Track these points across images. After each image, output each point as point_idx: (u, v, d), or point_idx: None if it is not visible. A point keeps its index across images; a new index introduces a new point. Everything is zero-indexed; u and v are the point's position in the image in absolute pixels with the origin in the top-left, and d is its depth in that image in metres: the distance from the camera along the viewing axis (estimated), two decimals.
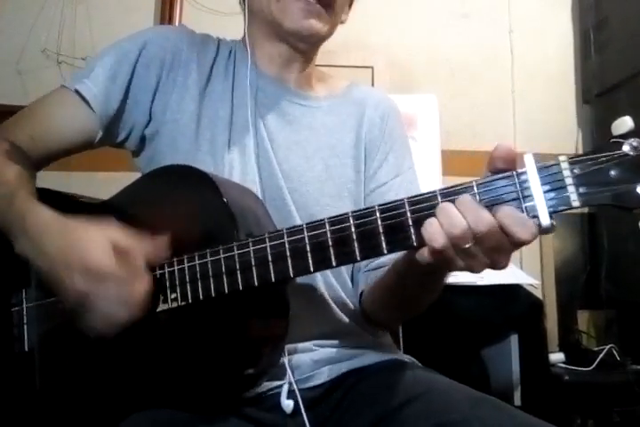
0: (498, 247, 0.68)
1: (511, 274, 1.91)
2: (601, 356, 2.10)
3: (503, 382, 1.85)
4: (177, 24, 2.28)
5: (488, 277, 1.79)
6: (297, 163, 1.05)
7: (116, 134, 1.06)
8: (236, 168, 1.01)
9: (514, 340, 1.85)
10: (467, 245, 0.67)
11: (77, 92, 1.02)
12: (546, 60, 2.59)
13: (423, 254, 0.71)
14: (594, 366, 2.06)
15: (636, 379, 1.97)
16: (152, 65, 1.04)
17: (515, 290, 1.87)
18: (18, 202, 0.89)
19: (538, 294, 2.08)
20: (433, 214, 0.68)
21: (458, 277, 1.72)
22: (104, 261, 0.79)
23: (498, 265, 0.70)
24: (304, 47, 1.08)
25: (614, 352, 2.14)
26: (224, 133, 1.03)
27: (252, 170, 1.02)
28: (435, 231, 0.68)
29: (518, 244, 0.67)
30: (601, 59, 2.45)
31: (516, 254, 2.34)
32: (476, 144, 2.34)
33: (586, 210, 2.49)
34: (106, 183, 1.23)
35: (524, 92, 2.55)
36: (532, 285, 1.93)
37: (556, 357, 2.11)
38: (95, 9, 2.24)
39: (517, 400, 1.81)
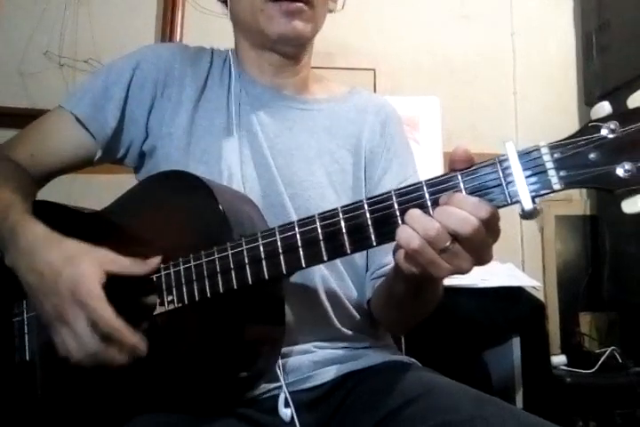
0: (480, 241, 0.69)
1: (513, 276, 1.91)
2: (603, 358, 2.09)
3: (505, 384, 1.85)
4: (179, 27, 2.28)
5: (490, 279, 1.79)
6: (298, 168, 1.05)
7: (116, 152, 1.08)
8: (234, 175, 1.01)
9: (516, 342, 1.85)
10: (447, 244, 0.69)
11: (73, 113, 1.04)
12: (548, 62, 2.59)
13: (405, 265, 0.74)
14: (596, 368, 2.06)
15: (637, 381, 1.97)
16: (146, 84, 1.06)
17: (517, 292, 1.87)
18: (12, 216, 0.90)
19: (540, 296, 2.08)
20: (418, 205, 0.70)
21: (459, 280, 1.72)
22: (94, 290, 0.80)
23: (484, 259, 0.72)
24: (292, 51, 1.08)
25: (616, 355, 2.13)
26: (220, 142, 1.04)
27: (251, 177, 1.02)
28: (408, 235, 0.70)
29: (488, 225, 0.69)
30: (603, 61, 2.44)
31: (518, 256, 2.33)
32: (477, 146, 2.31)
33: (588, 212, 2.49)
34: (107, 186, 1.24)
35: (526, 93, 2.55)
36: (533, 287, 1.93)
37: (558, 359, 2.11)
38: (97, 11, 2.24)
39: (519, 402, 1.81)
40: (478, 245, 0.70)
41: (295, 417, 0.91)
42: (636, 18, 2.25)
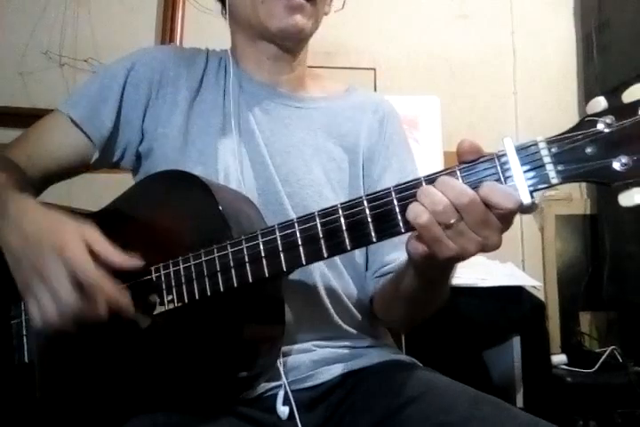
0: (484, 221, 0.68)
1: (513, 276, 1.91)
2: (603, 357, 2.10)
3: (505, 383, 1.85)
4: (179, 26, 2.28)
5: (490, 278, 1.79)
6: (295, 166, 1.05)
7: (112, 154, 1.08)
8: (231, 175, 1.01)
9: (516, 341, 1.85)
10: (452, 220, 0.68)
11: (69, 116, 1.04)
12: (548, 62, 2.59)
13: (413, 244, 0.73)
14: (596, 367, 2.06)
15: (638, 380, 1.97)
16: (141, 85, 1.06)
17: (517, 292, 1.87)
18: (5, 191, 0.90)
19: (540, 295, 2.08)
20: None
21: (460, 279, 1.72)
22: (78, 248, 0.80)
23: (490, 243, 0.70)
24: (290, 45, 1.08)
25: (616, 354, 2.14)
26: (216, 141, 1.04)
27: (248, 176, 1.02)
28: (418, 210, 0.69)
29: (503, 215, 0.68)
30: (603, 60, 2.44)
31: (518, 256, 2.32)
32: None
33: (588, 211, 2.49)
34: (107, 186, 1.24)
35: (526, 93, 2.55)
36: (534, 286, 1.93)
37: (559, 358, 2.11)
38: (97, 11, 2.24)
39: (519, 402, 1.81)
40: (481, 224, 0.69)
41: (297, 414, 0.91)
42: (636, 18, 2.25)
